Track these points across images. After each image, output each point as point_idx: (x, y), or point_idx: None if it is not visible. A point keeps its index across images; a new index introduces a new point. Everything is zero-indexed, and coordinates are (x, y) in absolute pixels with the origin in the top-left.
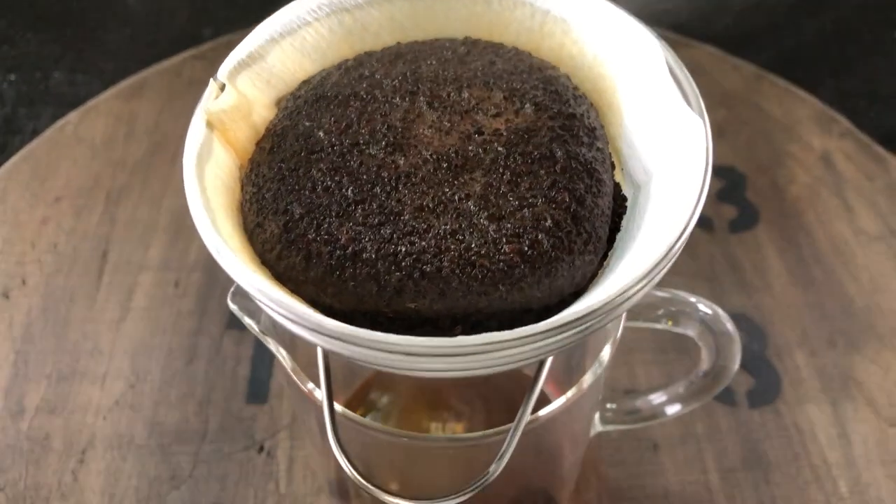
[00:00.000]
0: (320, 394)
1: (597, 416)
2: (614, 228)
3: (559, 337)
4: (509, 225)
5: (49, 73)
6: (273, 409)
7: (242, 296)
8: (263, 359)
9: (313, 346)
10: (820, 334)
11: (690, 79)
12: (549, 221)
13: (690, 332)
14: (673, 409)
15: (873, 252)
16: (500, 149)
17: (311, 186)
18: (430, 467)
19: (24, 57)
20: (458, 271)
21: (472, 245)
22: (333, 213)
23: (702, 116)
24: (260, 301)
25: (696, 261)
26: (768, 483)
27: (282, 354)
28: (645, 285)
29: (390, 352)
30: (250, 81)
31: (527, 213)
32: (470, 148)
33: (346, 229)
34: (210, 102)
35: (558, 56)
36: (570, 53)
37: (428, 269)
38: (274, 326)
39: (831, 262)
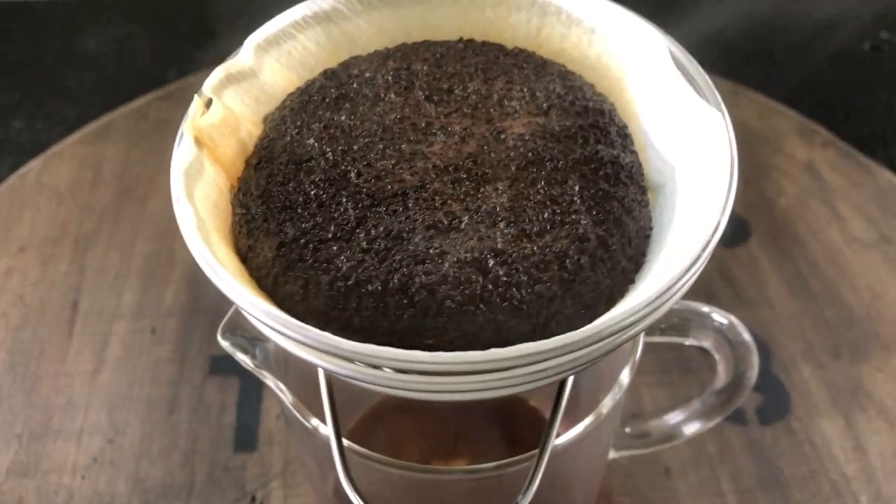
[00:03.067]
0: (325, 429)
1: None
2: None
3: (597, 345)
4: (546, 246)
5: (8, 121)
6: (263, 456)
7: (232, 332)
8: (250, 404)
9: (311, 382)
10: (824, 346)
11: (703, 72)
12: (594, 240)
13: (706, 343)
14: (691, 429)
15: (869, 259)
16: (527, 154)
17: (304, 202)
18: (446, 503)
19: None
20: (482, 306)
21: (500, 274)
22: (331, 235)
23: (719, 109)
24: (264, 325)
25: None
26: (787, 502)
27: (281, 389)
28: (686, 282)
29: (419, 372)
30: (237, 97)
31: (568, 230)
32: (492, 155)
33: (346, 256)
34: (197, 118)
35: (558, 60)
36: (570, 57)
37: (448, 305)
38: (269, 362)
39: (828, 272)
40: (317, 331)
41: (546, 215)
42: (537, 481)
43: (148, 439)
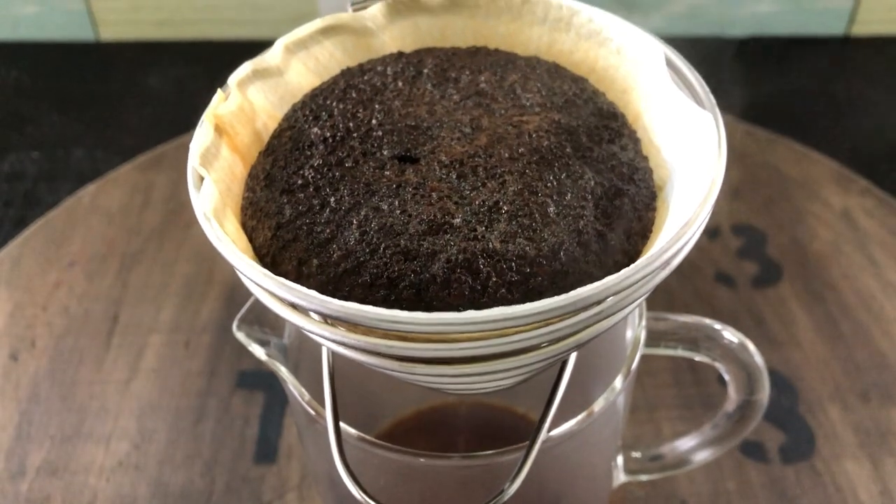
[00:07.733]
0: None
1: (620, 463)
2: None
3: (575, 320)
4: (543, 240)
5: (70, 150)
6: (282, 469)
7: (248, 323)
8: (273, 418)
9: (321, 379)
10: (853, 388)
11: (699, 77)
12: (593, 234)
13: (716, 361)
14: (702, 455)
15: None
16: (541, 148)
17: (302, 185)
18: (442, 493)
19: (46, 136)
20: (471, 307)
21: (492, 274)
22: (324, 219)
23: (712, 111)
24: (260, 287)
25: (719, 317)
26: None
27: (290, 379)
28: (666, 262)
29: (394, 330)
30: (262, 93)
31: (570, 223)
32: (502, 149)
33: (337, 243)
34: (217, 107)
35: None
36: (579, 71)
37: (435, 305)
38: (282, 356)
39: (860, 317)
40: (305, 289)
41: (552, 209)
42: (526, 469)
43: (172, 446)
